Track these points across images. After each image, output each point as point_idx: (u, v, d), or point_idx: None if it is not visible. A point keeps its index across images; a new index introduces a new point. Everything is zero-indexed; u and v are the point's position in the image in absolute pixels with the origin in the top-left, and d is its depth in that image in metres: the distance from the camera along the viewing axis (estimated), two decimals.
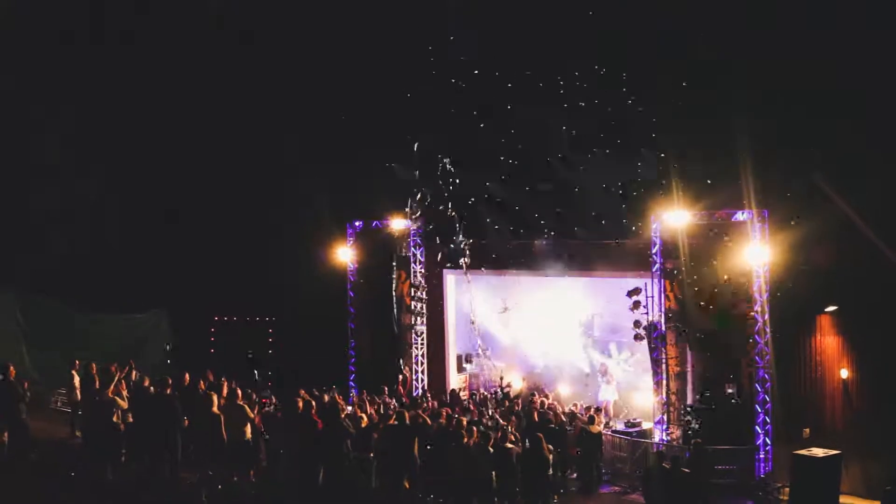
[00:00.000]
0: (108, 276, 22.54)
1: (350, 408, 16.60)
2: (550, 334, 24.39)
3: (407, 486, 14.12)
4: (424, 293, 21.84)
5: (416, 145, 20.38)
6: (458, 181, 20.54)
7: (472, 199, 20.99)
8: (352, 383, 21.65)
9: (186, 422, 14.09)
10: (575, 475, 17.38)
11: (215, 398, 14.17)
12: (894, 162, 16.28)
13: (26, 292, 22.43)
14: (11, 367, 15.08)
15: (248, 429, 14.14)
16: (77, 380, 17.01)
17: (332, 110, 22.02)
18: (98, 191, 22.83)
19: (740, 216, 18.00)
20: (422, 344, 21.86)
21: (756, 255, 17.76)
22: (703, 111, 18.64)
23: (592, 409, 18.47)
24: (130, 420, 14.47)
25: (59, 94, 22.32)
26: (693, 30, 18.34)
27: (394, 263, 22.10)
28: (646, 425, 19.48)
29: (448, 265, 22.11)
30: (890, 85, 16.47)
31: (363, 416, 15.51)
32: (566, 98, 19.36)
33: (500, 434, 14.96)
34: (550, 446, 14.96)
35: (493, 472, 14.16)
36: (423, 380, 21.70)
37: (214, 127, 22.53)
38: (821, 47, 16.91)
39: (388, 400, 18.30)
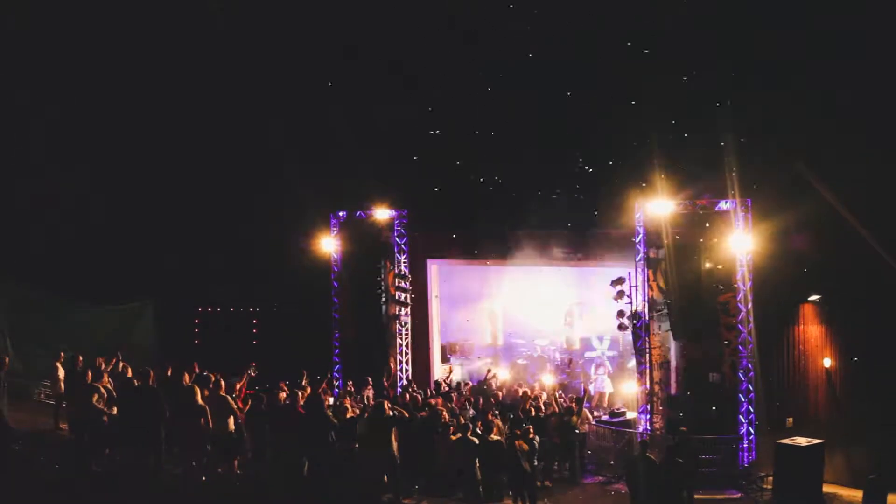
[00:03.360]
0: (93, 267, 22.38)
1: (332, 399, 16.55)
2: (538, 324, 24.51)
3: (386, 479, 14.13)
4: (409, 283, 21.80)
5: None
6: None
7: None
8: (336, 374, 21.58)
9: (168, 414, 13.99)
10: (557, 465, 17.42)
11: (198, 390, 14.04)
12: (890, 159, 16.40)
13: (9, 282, 22.22)
14: (7, 360, 14.88)
15: (231, 420, 14.07)
16: (61, 372, 16.87)
17: (315, 99, 21.96)
18: (82, 181, 22.67)
19: (724, 205, 18.02)
20: (406, 334, 21.83)
21: (739, 244, 17.79)
22: (688, 100, 18.70)
23: (573, 400, 18.49)
24: (115, 412, 14.36)
25: (45, 84, 22.14)
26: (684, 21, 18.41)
27: (380, 253, 22.05)
28: (630, 415, 19.52)
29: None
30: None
31: (348, 406, 15.47)
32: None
33: (484, 426, 14.97)
34: (537, 436, 15.01)
35: (477, 463, 14.21)
36: (407, 370, 21.68)
37: (198, 117, 22.40)
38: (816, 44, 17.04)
39: (368, 392, 18.29)
